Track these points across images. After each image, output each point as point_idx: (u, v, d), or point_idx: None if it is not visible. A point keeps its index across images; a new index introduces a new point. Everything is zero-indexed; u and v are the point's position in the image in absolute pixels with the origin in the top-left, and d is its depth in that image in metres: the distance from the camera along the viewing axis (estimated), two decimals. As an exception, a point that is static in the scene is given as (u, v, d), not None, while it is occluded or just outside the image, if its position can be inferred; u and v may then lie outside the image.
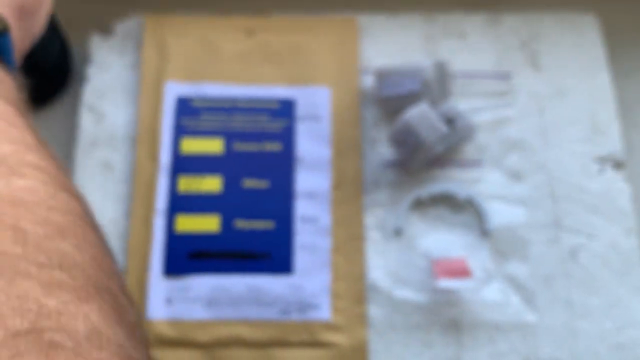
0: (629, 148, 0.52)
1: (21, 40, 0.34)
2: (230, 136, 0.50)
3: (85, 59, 0.54)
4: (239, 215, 0.48)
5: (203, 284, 0.46)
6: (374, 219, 0.49)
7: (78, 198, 0.25)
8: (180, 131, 0.50)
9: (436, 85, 0.50)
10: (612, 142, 0.51)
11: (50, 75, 0.52)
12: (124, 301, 0.22)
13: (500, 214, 0.49)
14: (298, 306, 0.46)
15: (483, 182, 0.50)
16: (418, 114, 0.47)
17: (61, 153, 0.52)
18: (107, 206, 0.49)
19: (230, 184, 0.49)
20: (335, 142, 0.51)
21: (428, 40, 0.54)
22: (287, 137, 0.50)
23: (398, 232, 0.48)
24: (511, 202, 0.49)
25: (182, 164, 0.49)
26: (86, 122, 0.51)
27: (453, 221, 0.49)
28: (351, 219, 0.49)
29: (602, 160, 0.51)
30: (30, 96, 0.53)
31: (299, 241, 0.48)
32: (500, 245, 0.48)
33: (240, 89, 0.52)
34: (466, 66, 0.53)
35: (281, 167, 0.50)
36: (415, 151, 0.48)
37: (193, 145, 0.50)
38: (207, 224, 0.48)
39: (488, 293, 0.47)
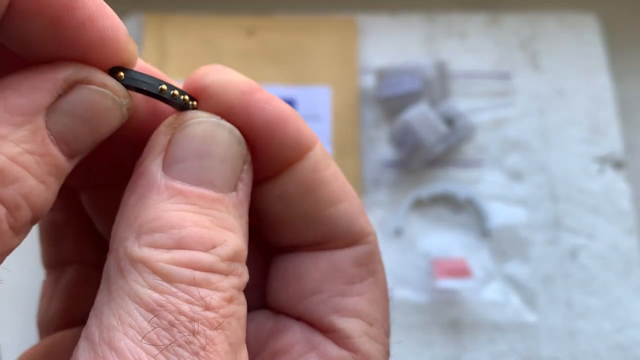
0: (629, 148, 0.52)
1: None
2: (230, 136, 0.50)
3: (85, 59, 0.54)
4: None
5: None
6: (374, 219, 0.49)
7: None
8: (180, 131, 0.50)
9: (436, 85, 0.50)
10: (612, 142, 0.51)
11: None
12: None
13: (500, 214, 0.49)
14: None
15: (483, 182, 0.50)
16: (418, 114, 0.47)
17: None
18: (107, 206, 0.49)
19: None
20: (335, 142, 0.51)
21: (428, 40, 0.54)
22: (287, 137, 0.50)
23: (398, 232, 0.49)
24: (511, 202, 0.49)
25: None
26: (86, 121, 0.51)
27: (453, 221, 0.49)
28: (351, 218, 0.49)
29: (602, 160, 0.51)
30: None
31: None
32: (500, 245, 0.48)
33: (241, 88, 0.52)
34: (466, 66, 0.53)
35: (281, 167, 0.50)
36: (415, 151, 0.48)
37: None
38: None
39: (488, 293, 0.47)
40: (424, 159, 0.49)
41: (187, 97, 0.18)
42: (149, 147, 0.18)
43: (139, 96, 0.18)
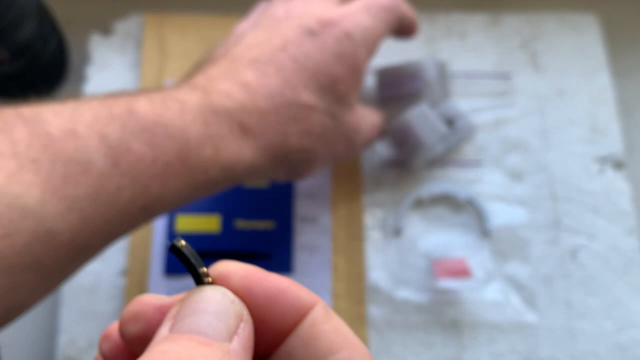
0: (629, 148, 0.52)
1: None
2: (230, 136, 0.50)
3: (85, 58, 0.54)
4: (239, 215, 0.48)
5: (203, 283, 0.46)
6: (374, 219, 0.49)
7: None
8: (180, 131, 0.50)
9: (436, 85, 0.50)
10: (612, 142, 0.51)
11: (47, 70, 0.52)
12: None
13: (500, 214, 0.49)
14: (298, 306, 0.46)
15: (483, 182, 0.50)
16: (418, 114, 0.47)
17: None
18: (107, 206, 0.49)
19: (231, 183, 0.49)
20: (336, 142, 0.50)
21: (428, 40, 0.54)
22: (287, 136, 0.50)
23: (398, 232, 0.49)
24: (511, 202, 0.49)
25: (182, 164, 0.49)
26: (86, 121, 0.51)
27: (453, 221, 0.49)
28: (351, 219, 0.49)
29: (602, 160, 0.51)
30: (28, 90, 0.53)
31: (299, 241, 0.48)
32: (500, 245, 0.48)
33: (241, 88, 0.52)
34: (466, 66, 0.53)
35: (281, 167, 0.50)
36: (415, 151, 0.48)
37: (193, 145, 0.50)
38: (208, 224, 0.48)
39: (488, 293, 0.47)
40: (424, 159, 0.49)
41: (210, 279, 0.21)
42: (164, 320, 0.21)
43: None
